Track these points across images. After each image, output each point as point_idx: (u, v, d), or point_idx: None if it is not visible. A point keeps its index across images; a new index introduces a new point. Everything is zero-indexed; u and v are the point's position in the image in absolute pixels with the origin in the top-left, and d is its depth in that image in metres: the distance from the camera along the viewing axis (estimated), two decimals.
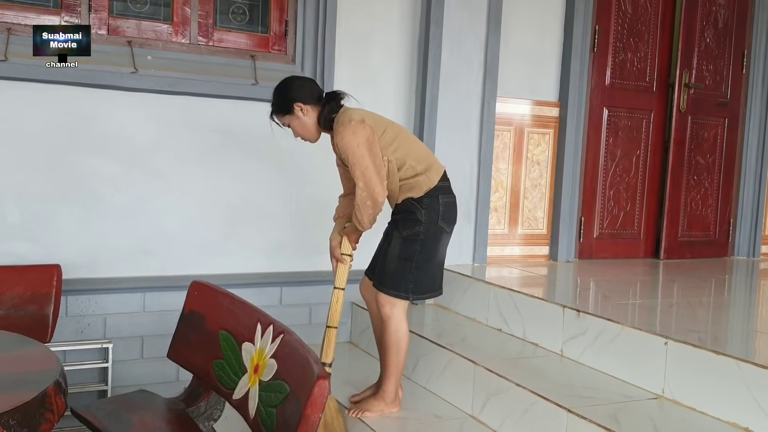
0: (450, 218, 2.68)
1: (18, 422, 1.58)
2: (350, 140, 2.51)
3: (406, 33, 3.85)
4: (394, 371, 2.72)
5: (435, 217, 2.62)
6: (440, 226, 2.64)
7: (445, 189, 2.67)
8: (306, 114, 2.62)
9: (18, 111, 3.07)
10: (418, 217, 2.60)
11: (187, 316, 2.58)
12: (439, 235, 2.64)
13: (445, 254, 2.75)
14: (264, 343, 2.15)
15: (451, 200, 2.69)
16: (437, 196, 2.63)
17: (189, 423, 2.33)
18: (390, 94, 3.83)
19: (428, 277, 2.67)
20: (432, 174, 2.64)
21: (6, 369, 1.90)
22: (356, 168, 2.52)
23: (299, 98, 2.60)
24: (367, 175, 2.51)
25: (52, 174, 3.13)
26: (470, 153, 3.91)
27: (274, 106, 2.66)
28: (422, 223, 2.60)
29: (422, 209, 2.60)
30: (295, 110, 2.60)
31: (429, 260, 2.65)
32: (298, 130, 2.67)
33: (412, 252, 2.62)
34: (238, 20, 3.54)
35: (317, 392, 1.67)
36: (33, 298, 2.82)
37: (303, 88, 2.65)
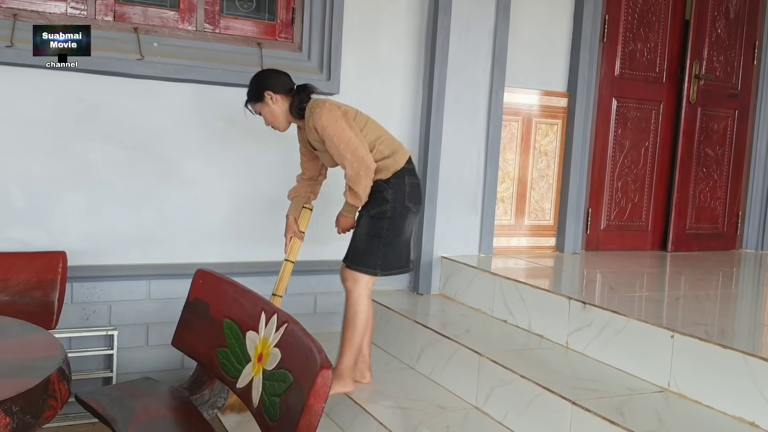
0: (415, 198, 2.83)
1: (21, 409, 1.58)
2: (328, 118, 2.65)
3: (414, 21, 3.82)
4: (347, 347, 2.83)
5: (401, 197, 2.75)
6: (407, 206, 2.77)
7: (411, 171, 2.82)
8: (275, 103, 2.77)
9: (24, 97, 3.06)
10: (386, 196, 2.73)
11: (192, 304, 2.58)
12: (405, 213, 2.77)
13: (411, 233, 2.90)
14: (268, 331, 2.14)
15: (416, 182, 2.84)
16: (403, 177, 2.76)
17: (193, 410, 2.33)
18: (397, 83, 3.81)
19: (395, 253, 2.79)
20: (399, 157, 2.77)
21: (10, 355, 1.90)
22: (340, 143, 2.63)
23: (270, 87, 2.75)
24: (351, 146, 2.63)
25: (58, 160, 3.13)
26: (477, 143, 3.88)
27: (247, 95, 2.81)
28: (389, 201, 2.73)
29: (389, 189, 2.73)
30: (265, 98, 2.75)
31: (396, 237, 2.77)
32: (267, 117, 2.81)
33: (379, 229, 2.74)
34: (245, 7, 3.51)
35: (320, 382, 1.67)
36: (38, 285, 2.83)
37: (275, 78, 2.79)
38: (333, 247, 3.69)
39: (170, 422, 2.21)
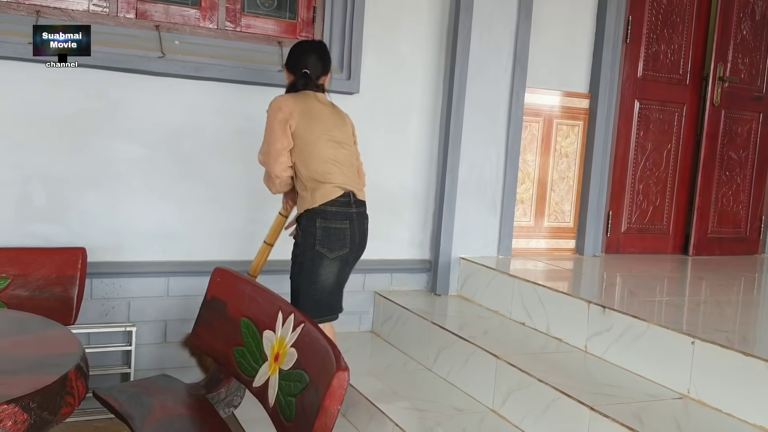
0: (331, 244, 2.63)
1: (38, 405, 1.59)
2: (272, 108, 2.70)
3: (435, 20, 3.80)
4: None
5: (311, 241, 2.62)
6: (318, 251, 2.62)
7: (328, 213, 2.63)
8: (286, 78, 2.87)
9: (46, 94, 3.08)
10: (297, 239, 2.69)
11: (210, 302, 2.59)
12: (317, 259, 2.63)
13: (336, 280, 2.71)
14: (285, 331, 2.14)
15: (334, 226, 2.63)
16: (314, 219, 2.62)
17: (209, 409, 2.33)
18: (417, 82, 3.80)
19: (309, 301, 2.66)
20: (317, 195, 2.62)
21: (28, 351, 1.91)
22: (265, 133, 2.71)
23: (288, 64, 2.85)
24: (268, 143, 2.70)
25: (78, 157, 3.15)
26: (497, 143, 3.85)
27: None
28: (298, 246, 2.68)
29: (300, 232, 2.67)
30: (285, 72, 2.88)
31: (309, 284, 2.65)
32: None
33: (293, 273, 2.71)
34: (266, 6, 3.51)
35: (336, 384, 1.66)
36: (58, 280, 2.85)
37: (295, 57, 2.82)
38: None
39: (187, 420, 2.21)
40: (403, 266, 3.86)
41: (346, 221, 2.66)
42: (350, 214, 2.67)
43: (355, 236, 2.69)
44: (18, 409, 1.54)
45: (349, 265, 2.75)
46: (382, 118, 3.73)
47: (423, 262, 3.89)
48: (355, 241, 2.70)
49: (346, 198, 2.67)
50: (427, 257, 3.91)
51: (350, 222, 2.67)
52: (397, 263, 3.84)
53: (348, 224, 2.67)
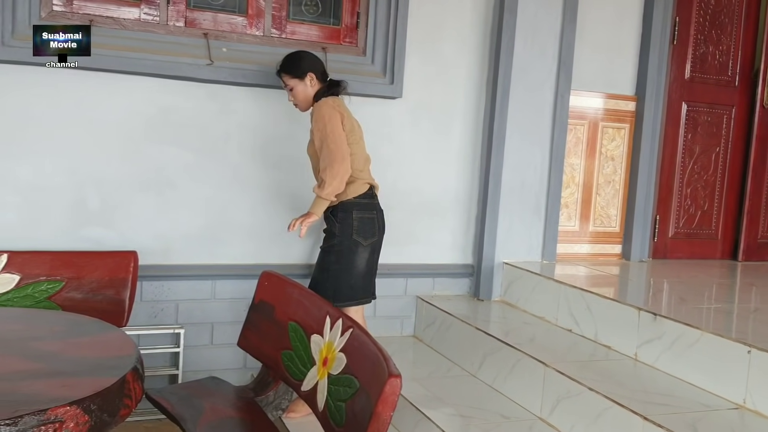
0: (366, 233, 2.91)
1: (99, 407, 1.62)
2: (328, 110, 2.82)
3: (479, 23, 3.79)
4: None
5: (348, 231, 2.87)
6: (355, 240, 2.88)
7: (363, 205, 2.92)
8: (312, 85, 2.94)
9: (99, 101, 3.15)
10: (334, 230, 2.90)
11: (257, 306, 2.62)
12: (354, 248, 2.89)
13: (370, 265, 2.97)
14: (333, 336, 2.15)
15: (368, 216, 2.92)
16: (351, 212, 2.88)
17: (258, 412, 2.36)
18: (460, 85, 3.78)
19: (346, 285, 2.90)
20: (353, 187, 2.89)
21: (87, 353, 1.96)
22: (327, 135, 2.79)
23: (314, 70, 2.95)
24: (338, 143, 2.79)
25: (129, 162, 3.21)
26: (542, 147, 3.82)
27: (288, 67, 2.96)
28: (336, 236, 2.89)
29: (337, 223, 2.89)
30: (306, 78, 2.92)
31: (346, 270, 2.89)
32: (299, 95, 2.97)
33: (328, 262, 2.91)
34: (311, 12, 3.54)
35: (389, 390, 1.66)
36: (111, 283, 2.91)
37: (319, 63, 3.00)
38: (392, 251, 3.69)
39: (237, 422, 2.24)
40: (445, 271, 3.84)
41: (374, 212, 2.96)
42: (375, 205, 2.98)
43: (381, 225, 3.00)
44: (80, 410, 1.57)
45: (376, 253, 3.00)
46: (424, 122, 3.73)
47: (465, 267, 3.87)
48: (381, 230, 3.00)
49: (371, 191, 2.97)
50: (470, 262, 3.89)
51: (377, 212, 2.97)
52: (439, 267, 3.83)
53: (375, 214, 2.96)
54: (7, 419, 1.46)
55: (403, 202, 3.71)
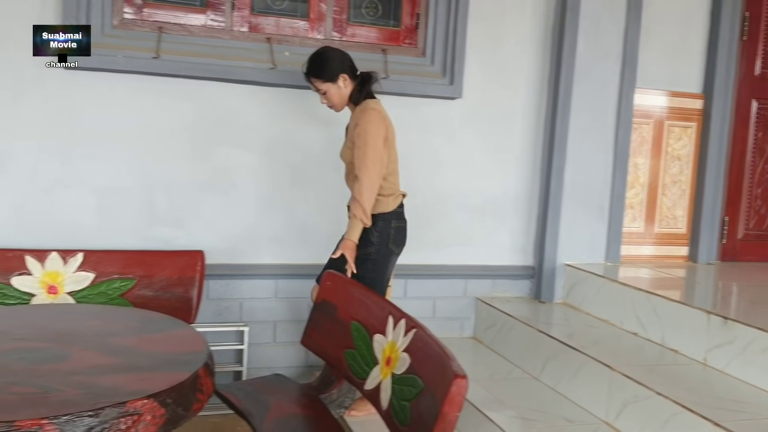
0: (399, 241, 2.90)
1: (174, 401, 1.68)
2: (376, 124, 2.74)
3: (540, 21, 3.75)
4: None
5: (386, 240, 2.83)
6: (390, 248, 2.85)
7: (399, 214, 2.90)
8: (345, 86, 2.83)
9: (167, 105, 3.26)
10: (371, 238, 2.80)
11: (320, 305, 2.65)
12: (388, 256, 2.86)
13: (391, 273, 2.98)
14: (396, 336, 2.16)
15: (402, 225, 2.91)
16: (390, 221, 2.85)
17: (322, 409, 2.39)
18: (521, 85, 3.75)
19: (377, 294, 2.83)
20: (392, 200, 2.86)
21: (160, 348, 2.03)
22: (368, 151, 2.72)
23: (345, 71, 2.82)
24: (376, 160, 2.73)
25: (196, 165, 3.30)
26: (605, 147, 3.75)
27: (318, 72, 2.82)
28: (374, 244, 2.81)
29: (375, 231, 2.80)
30: (338, 80, 2.81)
31: (379, 278, 2.86)
32: (334, 98, 2.85)
33: (364, 270, 2.80)
34: (371, 15, 3.57)
35: (455, 391, 1.66)
36: (179, 282, 3.00)
37: (349, 62, 2.86)
38: (452, 252, 3.70)
39: (303, 419, 2.28)
40: (506, 272, 3.81)
41: (404, 221, 2.95)
42: (404, 215, 2.96)
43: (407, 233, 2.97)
44: (156, 404, 1.63)
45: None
46: (484, 122, 3.71)
47: (526, 269, 3.84)
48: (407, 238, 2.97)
49: (401, 201, 2.95)
50: (530, 263, 3.85)
51: (405, 222, 2.96)
52: (499, 269, 3.80)
53: (405, 224, 2.95)
54: (89, 411, 1.53)
55: (463, 202, 3.70)
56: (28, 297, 2.84)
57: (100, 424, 1.53)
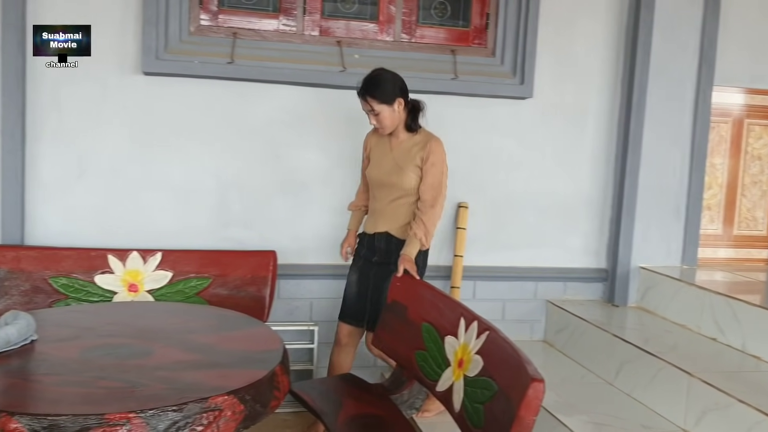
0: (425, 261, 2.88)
1: (252, 397, 1.73)
2: (443, 154, 2.79)
3: (613, 19, 3.67)
4: None
5: (425, 266, 2.85)
6: (424, 272, 2.83)
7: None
8: (399, 111, 2.77)
9: (241, 109, 3.34)
10: (418, 262, 2.74)
11: (391, 306, 2.67)
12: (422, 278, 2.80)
13: None
14: (468, 338, 2.16)
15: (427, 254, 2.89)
16: (428, 250, 2.86)
17: (394, 409, 2.40)
18: (593, 84, 3.68)
19: None
20: None
21: (237, 346, 2.08)
22: (441, 178, 2.77)
23: (403, 95, 2.78)
24: (444, 187, 2.79)
25: (268, 166, 3.37)
26: (682, 146, 3.64)
27: (375, 92, 2.73)
28: (420, 267, 2.76)
29: (421, 256, 2.79)
30: (395, 103, 2.75)
31: None
32: (386, 120, 2.77)
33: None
34: (440, 16, 3.57)
35: (532, 394, 1.64)
36: (252, 281, 3.07)
37: (403, 86, 2.80)
38: (522, 253, 3.66)
39: (375, 419, 2.29)
40: (577, 275, 3.74)
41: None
42: None
43: None
44: (236, 400, 1.68)
45: None
46: (555, 122, 3.65)
47: (599, 271, 3.76)
48: None
49: None
50: (604, 266, 3.77)
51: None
52: (570, 271, 3.74)
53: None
54: (174, 406, 1.59)
55: (534, 204, 3.66)
56: (111, 295, 2.96)
57: (184, 419, 1.59)
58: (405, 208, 2.80)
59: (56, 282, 2.92)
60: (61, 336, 2.10)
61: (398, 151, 2.81)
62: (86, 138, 3.20)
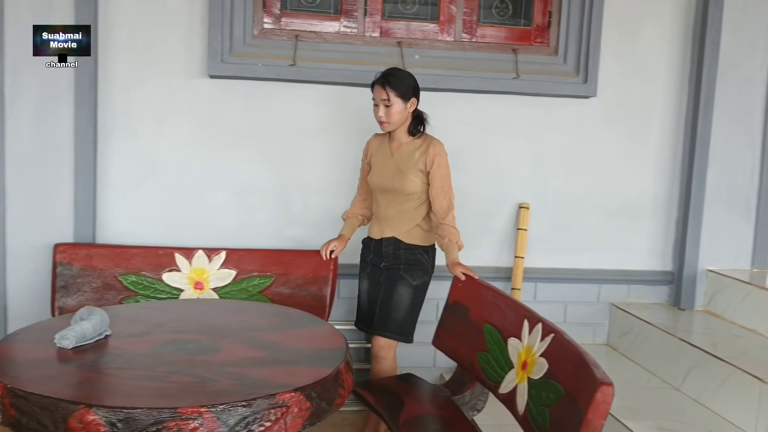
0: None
1: (318, 395, 1.75)
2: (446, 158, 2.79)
3: (680, 16, 3.57)
4: None
5: (430, 270, 2.84)
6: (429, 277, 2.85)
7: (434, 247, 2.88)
8: (409, 110, 2.76)
9: (302, 110, 3.38)
10: (427, 267, 2.81)
11: (452, 307, 2.66)
12: (428, 285, 2.86)
13: None
14: (532, 340, 2.14)
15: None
16: (433, 252, 2.86)
17: (456, 410, 2.39)
18: (659, 82, 3.59)
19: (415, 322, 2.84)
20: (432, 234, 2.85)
21: (302, 344, 2.11)
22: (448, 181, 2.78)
23: (418, 97, 2.79)
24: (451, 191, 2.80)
25: (329, 166, 3.41)
26: (752, 145, 3.52)
27: (397, 83, 2.72)
28: (429, 273, 2.82)
29: (430, 260, 2.82)
30: (409, 101, 2.75)
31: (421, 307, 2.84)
32: (395, 115, 2.74)
33: (420, 299, 2.81)
34: (501, 15, 3.54)
35: (600, 398, 1.62)
36: (314, 280, 3.10)
37: (419, 92, 2.80)
38: (585, 255, 3.60)
39: (437, 420, 2.29)
40: (642, 277, 3.66)
41: None
42: None
43: None
44: (302, 397, 1.71)
45: None
46: (619, 122, 3.58)
47: (664, 274, 3.66)
48: None
49: None
50: (669, 268, 3.67)
51: None
52: (635, 274, 3.65)
53: None
54: (243, 401, 1.62)
55: (597, 205, 3.59)
56: (177, 292, 3.04)
57: (253, 414, 1.62)
58: (410, 212, 2.79)
59: (126, 279, 3.02)
60: (132, 331, 2.17)
61: (399, 156, 2.79)
62: (153, 139, 3.29)
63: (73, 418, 1.57)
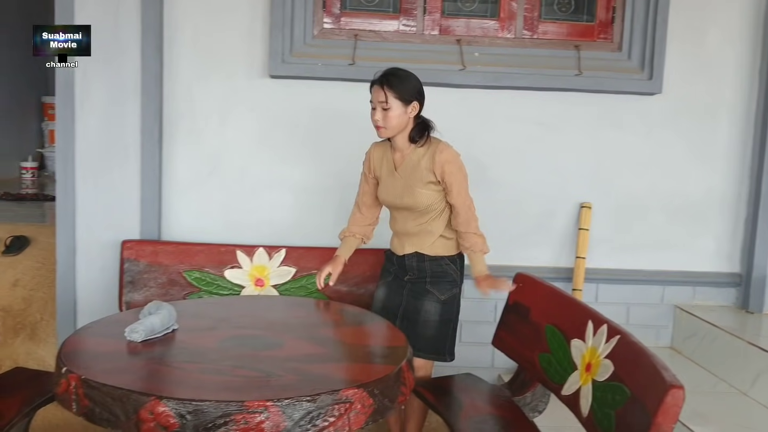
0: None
1: (381, 392, 1.76)
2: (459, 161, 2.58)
3: (750, 12, 3.45)
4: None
5: (461, 280, 2.63)
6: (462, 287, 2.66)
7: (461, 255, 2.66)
8: (410, 114, 2.53)
9: (360, 109, 3.33)
10: (455, 278, 2.61)
11: (512, 307, 2.63)
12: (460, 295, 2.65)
13: None
14: (596, 342, 2.09)
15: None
16: (462, 261, 2.64)
17: (517, 411, 2.37)
18: (727, 80, 3.47)
19: (454, 336, 2.64)
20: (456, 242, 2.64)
21: (364, 341, 2.13)
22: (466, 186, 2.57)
23: (420, 101, 2.55)
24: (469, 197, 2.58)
25: None
26: None
27: (397, 85, 2.50)
28: (458, 284, 2.62)
29: (458, 270, 2.62)
30: (410, 105, 2.52)
31: (457, 320, 2.64)
32: (393, 119, 2.50)
33: (452, 313, 2.60)
34: (563, 10, 3.48)
35: (670, 401, 1.58)
36: (372, 278, 3.10)
37: (423, 96, 2.58)
38: (648, 256, 3.51)
39: (498, 420, 2.27)
40: (708, 279, 3.54)
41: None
42: None
43: None
44: (365, 394, 1.71)
45: None
46: (686, 118, 3.48)
47: (731, 276, 3.54)
48: None
49: None
50: (737, 270, 3.55)
51: None
52: (700, 275, 3.54)
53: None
54: (307, 396, 1.64)
55: (662, 204, 3.50)
56: (239, 288, 3.09)
57: (317, 409, 1.64)
58: (429, 225, 2.57)
59: (190, 275, 3.09)
60: (198, 326, 2.22)
61: (404, 170, 2.58)
62: (216, 138, 3.36)
63: (144, 409, 1.61)
